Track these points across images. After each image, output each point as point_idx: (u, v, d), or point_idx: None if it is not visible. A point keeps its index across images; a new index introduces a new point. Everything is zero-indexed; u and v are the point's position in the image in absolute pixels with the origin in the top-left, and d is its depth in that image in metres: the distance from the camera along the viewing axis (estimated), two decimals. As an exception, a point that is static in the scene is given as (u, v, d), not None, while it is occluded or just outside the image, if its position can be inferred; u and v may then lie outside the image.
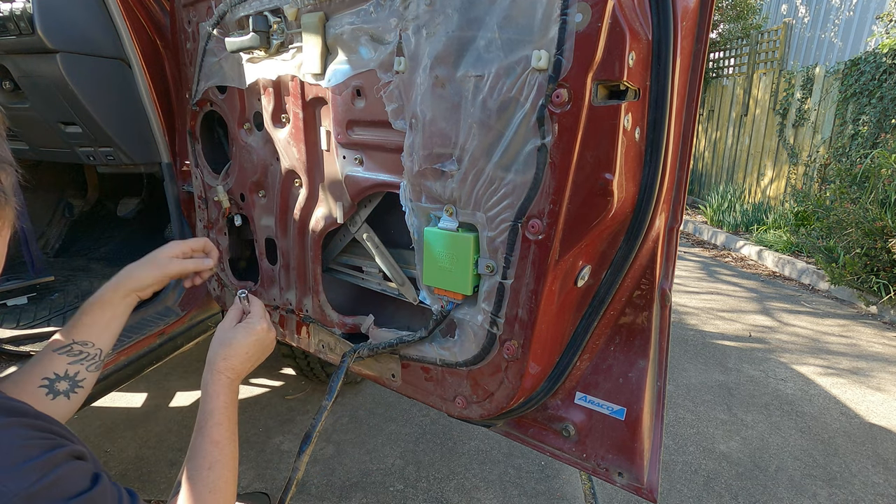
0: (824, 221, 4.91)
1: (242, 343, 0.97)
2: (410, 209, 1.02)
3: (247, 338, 0.97)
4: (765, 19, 8.61)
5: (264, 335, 0.99)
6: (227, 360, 0.94)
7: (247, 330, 0.98)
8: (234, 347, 0.96)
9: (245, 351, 0.97)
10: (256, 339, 0.98)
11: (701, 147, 8.57)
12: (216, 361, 0.94)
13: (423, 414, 2.55)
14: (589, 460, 0.99)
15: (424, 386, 1.13)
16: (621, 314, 0.97)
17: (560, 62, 0.76)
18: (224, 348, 0.96)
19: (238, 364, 0.96)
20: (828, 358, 3.31)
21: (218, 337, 0.99)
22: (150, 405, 2.60)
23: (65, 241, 2.55)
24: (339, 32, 1.04)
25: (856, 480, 2.16)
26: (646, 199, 0.84)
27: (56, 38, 1.44)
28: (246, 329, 0.98)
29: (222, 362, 0.94)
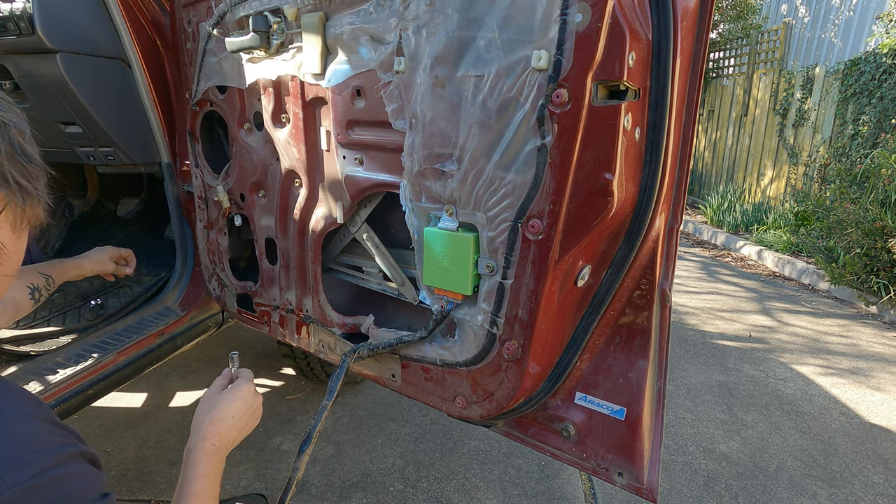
0: (824, 221, 4.91)
1: (230, 407, 0.94)
2: (410, 209, 1.02)
3: (233, 402, 0.95)
4: (765, 19, 8.61)
5: (251, 399, 0.97)
6: (214, 424, 0.92)
7: (233, 394, 0.96)
8: (221, 411, 0.93)
9: (232, 415, 0.94)
10: (244, 403, 0.95)
11: (701, 147, 8.57)
12: (201, 427, 0.91)
13: (423, 414, 2.55)
14: (589, 460, 0.99)
15: (424, 386, 1.13)
16: (621, 314, 0.97)
17: (560, 62, 0.76)
18: (210, 413, 0.93)
19: (224, 430, 0.92)
20: (828, 358, 3.31)
21: (204, 402, 0.97)
22: (150, 405, 2.60)
23: (65, 241, 2.55)
24: (339, 32, 1.04)
25: (856, 480, 2.16)
26: (646, 199, 0.84)
27: (56, 38, 1.44)
28: (232, 393, 0.96)
29: (209, 427, 0.91)
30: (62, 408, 1.41)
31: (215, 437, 0.91)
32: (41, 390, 1.36)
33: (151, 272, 2.17)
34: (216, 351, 3.10)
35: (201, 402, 0.97)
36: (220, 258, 1.63)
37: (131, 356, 1.60)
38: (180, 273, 1.83)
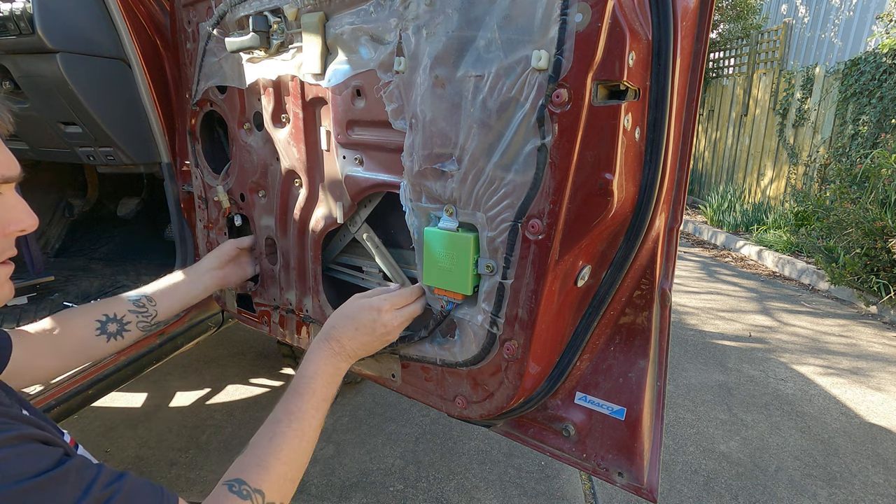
0: (824, 221, 4.91)
1: (358, 314, 0.94)
2: (410, 209, 1.02)
3: (360, 313, 0.94)
4: (765, 19, 8.61)
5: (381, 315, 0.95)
6: (337, 328, 0.93)
7: (367, 303, 0.95)
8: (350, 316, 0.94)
9: (356, 324, 0.93)
10: (371, 315, 0.94)
11: (701, 147, 8.57)
12: (328, 329, 0.94)
13: (423, 414, 2.55)
14: (589, 460, 0.99)
15: (424, 386, 1.13)
16: (621, 314, 0.97)
17: (560, 62, 0.76)
18: (340, 318, 0.94)
19: (346, 336, 0.93)
20: (828, 358, 3.32)
21: (343, 306, 0.97)
22: (150, 405, 2.60)
23: (65, 241, 2.55)
24: (339, 32, 1.04)
25: (856, 480, 2.16)
26: (646, 199, 0.84)
27: (56, 38, 1.44)
28: (367, 302, 0.95)
29: (332, 331, 0.93)
30: (62, 408, 1.41)
31: (335, 342, 0.93)
32: (41, 390, 1.36)
33: (151, 272, 2.17)
34: (216, 351, 3.10)
35: (343, 305, 0.98)
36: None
37: (131, 356, 1.60)
38: (180, 273, 1.83)
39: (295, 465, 0.80)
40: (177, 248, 1.81)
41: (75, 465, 0.58)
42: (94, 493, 0.57)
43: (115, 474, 0.61)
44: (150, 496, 0.62)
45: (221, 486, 0.73)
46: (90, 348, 1.01)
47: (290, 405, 0.85)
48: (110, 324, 1.02)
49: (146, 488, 0.63)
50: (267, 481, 0.75)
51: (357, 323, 0.94)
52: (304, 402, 0.86)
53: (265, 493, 0.74)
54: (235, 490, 0.72)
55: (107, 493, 0.58)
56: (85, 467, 0.59)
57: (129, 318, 1.05)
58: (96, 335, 1.00)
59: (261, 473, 0.75)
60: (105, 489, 0.58)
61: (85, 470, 0.59)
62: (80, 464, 0.59)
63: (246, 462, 0.77)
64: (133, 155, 1.69)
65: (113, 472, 0.62)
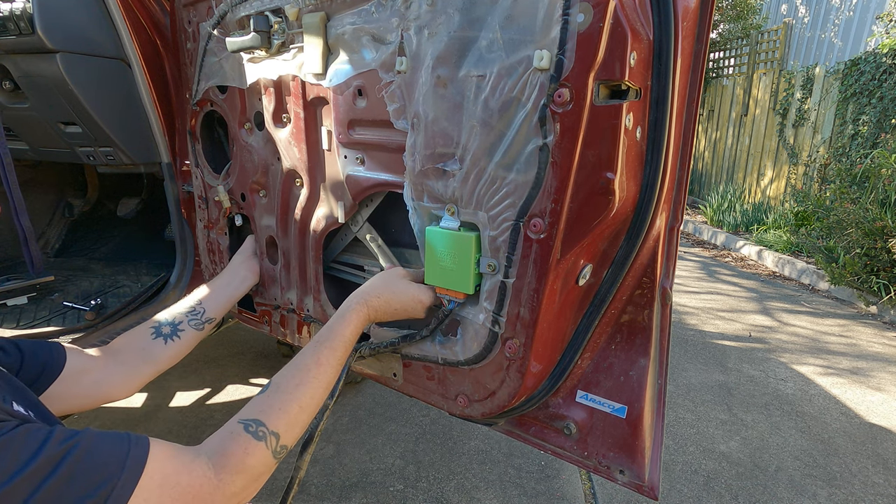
0: (824, 221, 4.91)
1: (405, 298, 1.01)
2: (412, 208, 1.02)
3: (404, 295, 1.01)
4: (765, 19, 8.62)
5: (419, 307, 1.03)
6: (380, 299, 0.99)
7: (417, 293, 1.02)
8: (393, 295, 1.00)
9: (398, 306, 1.01)
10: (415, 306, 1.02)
11: (701, 147, 8.57)
12: (370, 296, 0.99)
13: (424, 414, 2.55)
14: (590, 458, 0.99)
15: (426, 385, 1.13)
16: (622, 313, 0.97)
17: (562, 62, 0.77)
18: (386, 291, 1.00)
19: (383, 309, 0.99)
20: (828, 358, 3.32)
21: (387, 277, 1.04)
22: (150, 405, 2.60)
23: (65, 241, 2.55)
24: (340, 32, 1.04)
25: (856, 480, 2.17)
26: (647, 198, 0.84)
27: (56, 38, 1.44)
28: (417, 291, 1.02)
29: (374, 299, 0.99)
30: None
31: (373, 311, 0.98)
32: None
33: (151, 272, 2.17)
34: (216, 351, 3.10)
35: (381, 275, 1.05)
36: (220, 258, 1.63)
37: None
38: (180, 273, 1.83)
39: (310, 412, 0.83)
40: (177, 248, 1.81)
41: (25, 429, 0.56)
42: (47, 451, 0.55)
43: (72, 431, 0.59)
44: (113, 445, 0.60)
45: (236, 424, 0.74)
46: (150, 352, 1.05)
47: (320, 356, 0.88)
48: (164, 327, 1.08)
49: (108, 438, 0.61)
50: (284, 424, 0.77)
51: (399, 308, 1.02)
52: (333, 356, 0.89)
53: (280, 436, 0.75)
54: (252, 430, 0.73)
55: (62, 449, 0.56)
56: (37, 429, 0.57)
57: (181, 319, 1.11)
58: (153, 338, 1.05)
59: (281, 417, 0.77)
60: (60, 445, 0.56)
61: (37, 431, 0.57)
62: (31, 427, 0.57)
63: (268, 404, 0.78)
64: (133, 155, 1.69)
65: (70, 429, 0.59)
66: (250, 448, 0.72)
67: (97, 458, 0.58)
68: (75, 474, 0.56)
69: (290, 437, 0.78)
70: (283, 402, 0.79)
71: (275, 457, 0.75)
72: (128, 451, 0.60)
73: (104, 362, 0.98)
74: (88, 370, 0.94)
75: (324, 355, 0.88)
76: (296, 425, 0.79)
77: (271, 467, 0.75)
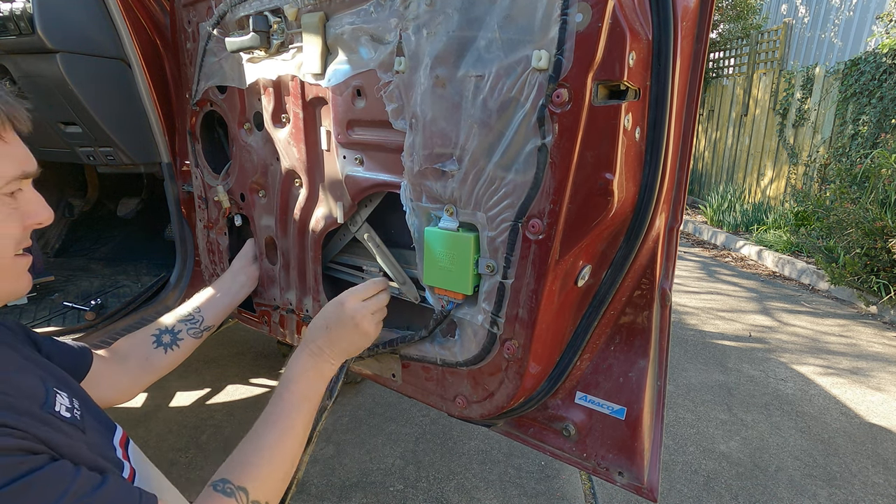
0: (824, 221, 4.91)
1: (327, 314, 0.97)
2: (411, 209, 1.02)
3: (329, 310, 0.97)
4: (765, 19, 8.61)
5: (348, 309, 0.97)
6: (312, 332, 0.96)
7: (334, 302, 0.98)
8: (319, 319, 0.97)
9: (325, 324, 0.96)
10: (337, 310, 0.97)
11: (701, 147, 8.57)
12: (307, 340, 0.96)
13: (423, 414, 2.55)
14: (589, 460, 0.99)
15: (425, 386, 1.13)
16: (621, 314, 0.97)
17: (560, 62, 0.76)
18: (313, 326, 0.97)
19: (322, 339, 0.95)
20: (828, 358, 3.32)
21: (331, 310, 0.99)
22: (150, 405, 2.60)
23: (65, 241, 2.55)
24: (339, 32, 1.04)
25: (856, 480, 2.16)
26: (646, 198, 0.84)
27: (56, 38, 1.44)
28: (335, 301, 0.98)
29: (311, 344, 0.95)
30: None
31: (314, 346, 0.95)
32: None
33: (151, 272, 2.17)
34: (216, 351, 3.10)
35: (329, 306, 1.00)
36: (220, 258, 1.63)
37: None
38: (180, 273, 1.83)
39: (278, 463, 0.82)
40: (177, 248, 1.81)
41: (50, 471, 0.56)
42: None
43: (94, 483, 0.59)
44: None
45: (207, 488, 0.75)
46: (152, 362, 1.07)
47: (272, 408, 0.88)
48: (164, 335, 1.09)
49: (120, 496, 0.61)
50: (251, 480, 0.77)
51: (326, 321, 0.97)
52: (284, 403, 0.88)
53: (249, 491, 0.76)
54: (220, 489, 0.74)
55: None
56: (60, 476, 0.57)
57: (180, 328, 1.12)
58: (154, 348, 1.07)
59: (244, 472, 0.78)
60: (76, 501, 0.56)
61: (59, 479, 0.57)
62: (54, 472, 0.57)
63: (231, 463, 0.80)
64: (133, 155, 1.69)
65: (92, 479, 0.60)
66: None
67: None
68: None
69: (261, 492, 0.78)
70: (243, 458, 0.80)
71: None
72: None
73: (115, 369, 1.01)
74: (104, 376, 0.97)
75: (275, 406, 0.88)
76: (265, 479, 0.79)
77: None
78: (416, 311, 1.25)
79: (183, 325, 1.13)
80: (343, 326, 0.97)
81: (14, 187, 0.66)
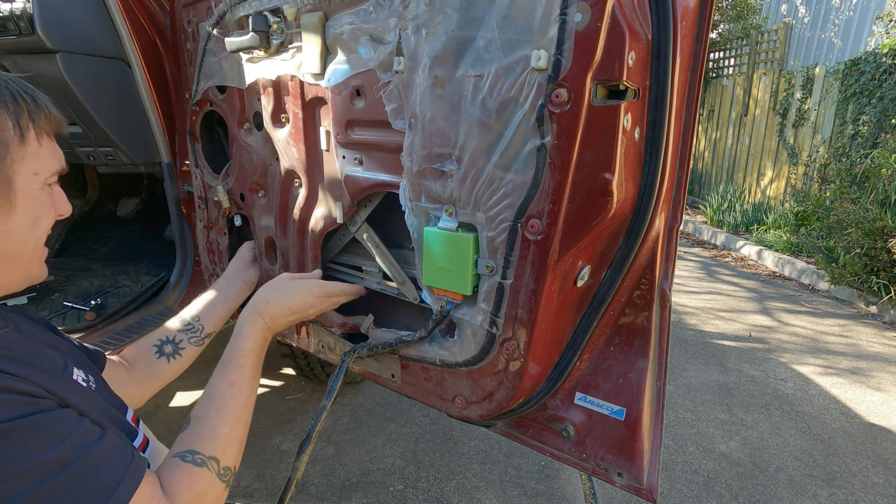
0: (824, 221, 4.91)
1: (294, 295, 1.04)
2: (410, 209, 1.02)
3: (298, 292, 1.05)
4: (765, 19, 8.61)
5: (313, 299, 1.07)
6: (270, 304, 1.02)
7: (303, 286, 1.06)
8: (285, 295, 1.04)
9: (289, 304, 1.04)
10: (304, 298, 1.05)
11: (701, 147, 8.57)
12: (260, 304, 1.01)
13: (423, 414, 2.55)
14: (588, 460, 0.99)
15: (424, 386, 1.13)
16: (621, 314, 0.97)
17: (559, 62, 0.76)
18: (275, 293, 1.03)
19: (277, 313, 1.02)
20: (828, 358, 3.31)
21: (271, 283, 1.07)
22: (150, 405, 2.60)
23: (65, 241, 2.55)
24: (338, 32, 1.04)
25: (856, 480, 2.16)
26: (645, 198, 0.84)
27: (56, 38, 1.44)
28: (303, 285, 1.07)
29: (265, 306, 1.01)
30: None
31: (268, 317, 1.00)
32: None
33: (151, 272, 2.17)
34: (216, 351, 3.09)
35: (269, 283, 1.08)
36: (220, 258, 1.63)
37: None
38: (180, 273, 1.83)
39: (240, 430, 0.85)
40: (177, 248, 1.81)
41: (55, 415, 0.60)
42: (62, 449, 0.59)
43: (93, 436, 0.63)
44: (115, 467, 0.64)
45: (173, 459, 0.76)
46: (156, 371, 1.10)
47: (231, 377, 0.90)
48: (166, 345, 1.11)
49: (114, 456, 0.64)
50: (220, 448, 0.79)
51: (292, 304, 1.04)
52: (244, 373, 0.91)
53: (219, 459, 0.78)
54: (189, 460, 0.75)
55: (74, 454, 0.60)
56: (64, 421, 0.61)
57: (181, 337, 1.14)
58: (157, 358, 1.10)
59: (213, 442, 0.79)
60: (74, 448, 0.60)
61: (63, 423, 0.61)
62: (60, 416, 0.61)
63: (195, 435, 0.80)
64: (133, 155, 1.69)
65: (92, 432, 0.64)
66: (195, 475, 0.74)
67: (98, 474, 0.62)
68: (75, 482, 0.59)
69: (229, 458, 0.80)
70: (210, 429, 0.81)
71: (221, 479, 0.77)
72: (123, 478, 0.64)
73: (123, 375, 1.04)
74: (115, 380, 0.98)
75: (234, 376, 0.90)
76: (230, 446, 0.81)
77: (221, 493, 0.77)
78: (415, 312, 1.25)
79: (184, 334, 1.16)
80: (302, 314, 1.06)
81: (53, 180, 0.75)
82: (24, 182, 0.69)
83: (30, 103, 0.69)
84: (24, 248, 0.71)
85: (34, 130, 0.70)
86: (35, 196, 0.71)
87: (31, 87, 0.71)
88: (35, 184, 0.71)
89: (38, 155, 0.71)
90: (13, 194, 0.68)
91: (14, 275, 0.73)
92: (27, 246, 0.72)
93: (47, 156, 0.73)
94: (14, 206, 0.69)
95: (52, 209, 0.75)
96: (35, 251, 0.74)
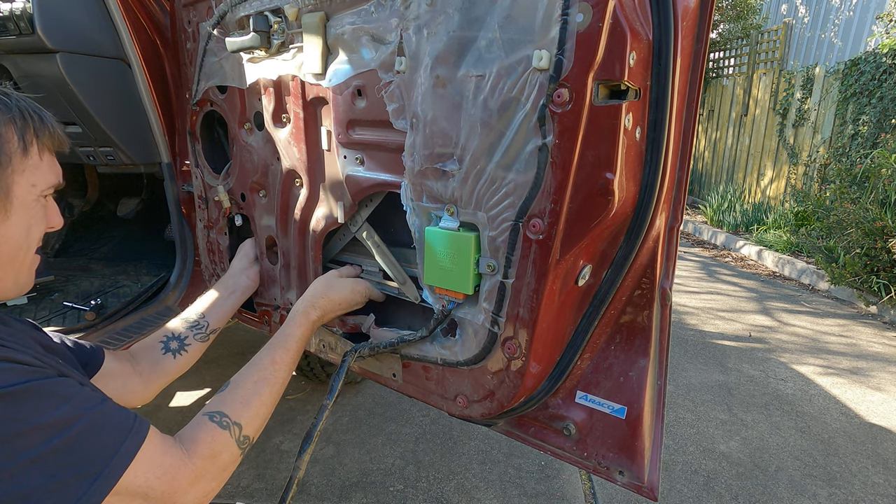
0: (824, 221, 4.91)
1: (343, 293, 1.14)
2: (412, 209, 1.02)
3: (344, 289, 1.14)
4: (765, 19, 8.62)
5: (359, 294, 1.17)
6: (324, 299, 1.11)
7: (351, 284, 1.16)
8: (336, 293, 1.13)
9: (340, 300, 1.13)
10: (352, 295, 1.15)
11: (701, 147, 8.57)
12: (317, 298, 1.11)
13: (423, 414, 2.55)
14: (590, 459, 0.99)
15: (425, 385, 1.13)
16: (622, 313, 0.97)
17: (561, 62, 0.76)
18: (329, 290, 1.13)
19: (330, 309, 1.11)
20: (828, 358, 3.32)
21: (327, 279, 1.16)
22: (151, 405, 2.60)
23: (65, 241, 2.54)
24: (339, 32, 1.04)
25: (856, 480, 2.16)
26: (646, 198, 0.84)
27: (56, 38, 1.44)
28: (353, 283, 1.17)
29: (321, 300, 1.10)
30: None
31: (321, 311, 1.10)
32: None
33: (151, 272, 2.17)
34: (216, 351, 3.10)
35: (321, 279, 1.18)
36: (220, 258, 1.63)
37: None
38: (180, 273, 1.83)
39: (269, 406, 0.91)
40: (177, 248, 1.81)
41: (54, 382, 0.64)
42: (65, 411, 0.62)
43: (95, 399, 0.67)
44: (118, 427, 0.67)
45: (202, 416, 0.82)
46: (162, 367, 1.13)
47: (275, 356, 0.98)
48: (171, 342, 1.15)
49: (116, 417, 0.68)
50: (246, 416, 0.85)
51: (342, 301, 1.14)
52: (288, 356, 0.99)
53: (242, 426, 0.83)
54: (216, 420, 0.81)
55: (77, 415, 0.63)
56: (65, 386, 0.65)
57: (186, 334, 1.18)
58: (162, 354, 1.14)
59: (243, 409, 0.86)
60: (77, 410, 0.64)
61: (64, 388, 0.65)
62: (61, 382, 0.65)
63: (229, 398, 0.87)
64: (133, 155, 1.69)
65: (93, 396, 0.68)
66: (216, 435, 0.80)
67: (103, 433, 0.65)
68: (80, 440, 0.63)
69: (251, 429, 0.85)
70: (244, 397, 0.88)
71: (238, 446, 0.82)
72: (126, 436, 0.68)
73: (129, 370, 1.06)
74: (116, 375, 1.02)
75: (278, 355, 0.98)
76: (256, 417, 0.87)
77: (236, 458, 0.82)
78: (416, 311, 1.25)
79: (189, 331, 1.19)
80: (346, 310, 1.16)
81: (48, 192, 0.78)
82: (22, 192, 0.73)
83: (36, 121, 0.74)
84: (17, 254, 0.74)
85: (37, 145, 0.74)
86: (30, 206, 0.75)
87: (39, 107, 0.76)
88: (31, 195, 0.74)
89: (37, 168, 0.75)
90: (10, 202, 0.71)
91: (4, 280, 0.76)
92: (19, 252, 0.75)
93: (47, 170, 0.77)
94: (9, 213, 0.72)
95: (45, 221, 0.79)
96: (26, 259, 0.77)
